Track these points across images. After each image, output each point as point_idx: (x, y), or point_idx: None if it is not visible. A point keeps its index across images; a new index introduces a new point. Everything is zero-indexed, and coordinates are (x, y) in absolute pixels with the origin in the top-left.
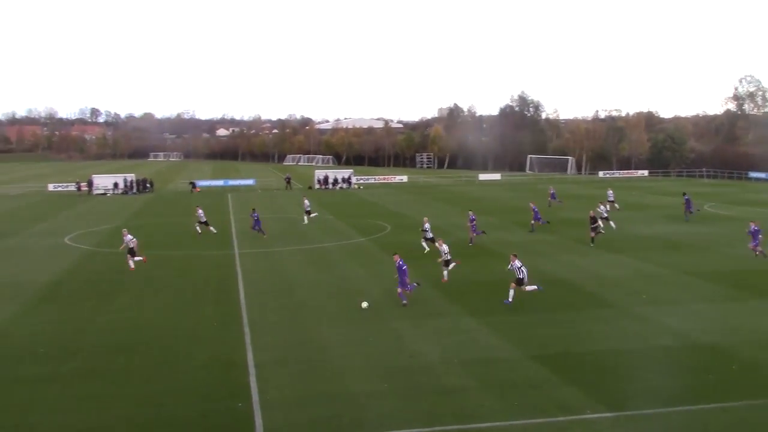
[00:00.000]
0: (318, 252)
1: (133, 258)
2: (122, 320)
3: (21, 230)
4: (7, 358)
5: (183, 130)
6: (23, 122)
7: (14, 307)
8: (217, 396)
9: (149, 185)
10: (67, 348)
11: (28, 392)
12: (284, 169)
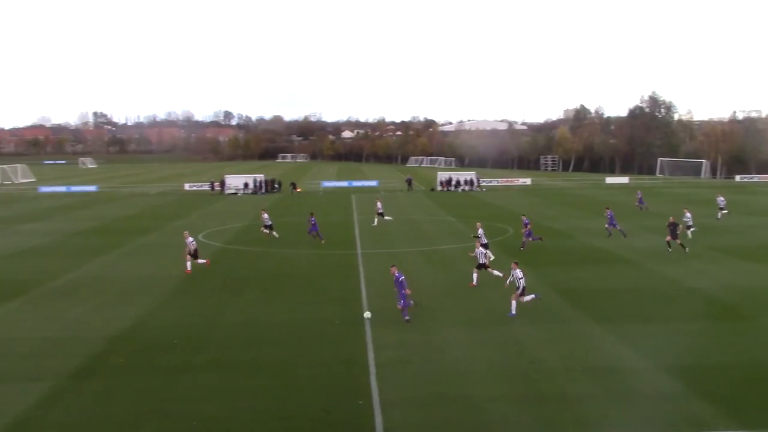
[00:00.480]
0: (439, 254)
1: (197, 260)
2: (250, 315)
3: (159, 227)
4: (146, 347)
5: (310, 132)
6: (163, 125)
7: (152, 300)
8: (338, 393)
9: (277, 185)
10: (199, 340)
11: (163, 380)
12: (407, 170)
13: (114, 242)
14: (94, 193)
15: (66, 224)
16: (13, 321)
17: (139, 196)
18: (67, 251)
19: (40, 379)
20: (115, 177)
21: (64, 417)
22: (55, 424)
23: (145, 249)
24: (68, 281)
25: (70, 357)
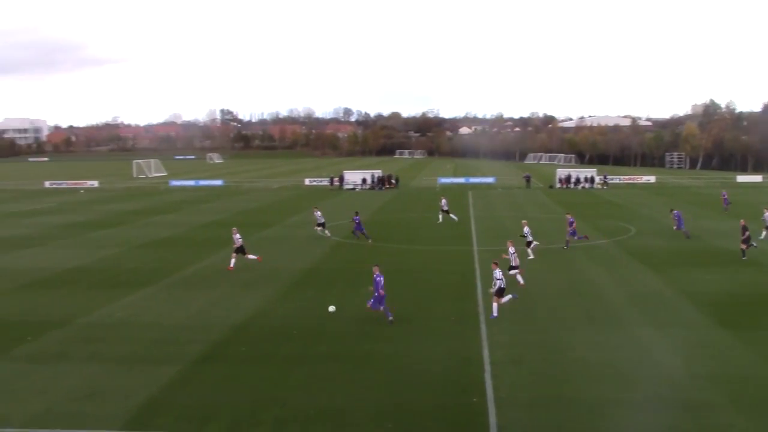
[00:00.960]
0: (556, 252)
1: (246, 256)
2: (365, 309)
3: (280, 221)
4: (266, 336)
5: (427, 128)
6: (285, 121)
7: (273, 291)
8: (452, 389)
9: (394, 181)
10: (316, 331)
11: (281, 369)
12: (525, 167)
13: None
14: (220, 187)
15: (193, 217)
16: (144, 308)
17: (261, 190)
18: (194, 243)
19: (169, 363)
20: (240, 172)
21: (189, 400)
22: (181, 405)
23: (266, 242)
24: (195, 272)
25: (195, 343)
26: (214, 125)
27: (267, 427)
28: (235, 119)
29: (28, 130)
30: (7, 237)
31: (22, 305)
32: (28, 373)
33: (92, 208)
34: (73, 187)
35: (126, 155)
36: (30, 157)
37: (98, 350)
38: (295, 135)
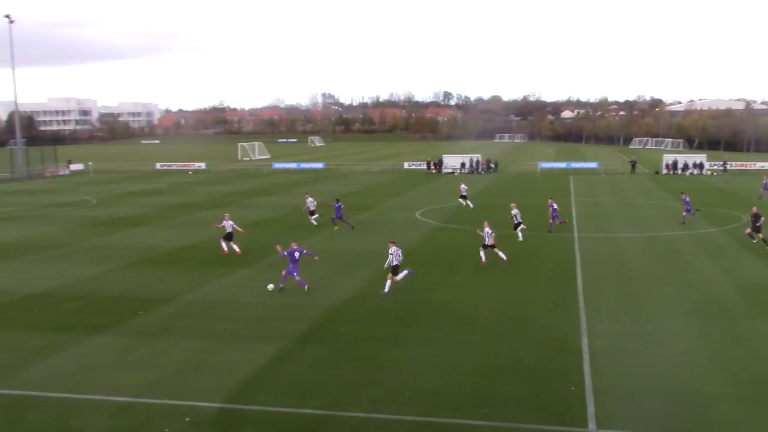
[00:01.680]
0: (662, 240)
1: (228, 242)
2: (463, 293)
3: (379, 204)
4: (363, 318)
5: (528, 112)
6: (385, 105)
7: (370, 273)
8: (548, 378)
9: (494, 165)
10: (413, 314)
11: (378, 351)
12: (629, 152)
13: None
14: (321, 170)
15: (295, 199)
16: (246, 287)
17: (361, 173)
18: (295, 224)
19: (270, 341)
20: (341, 155)
21: (289, 378)
22: (281, 383)
23: (365, 224)
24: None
25: (295, 322)
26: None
27: (363, 407)
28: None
29: (141, 114)
30: (121, 216)
31: (134, 281)
32: (139, 346)
33: (199, 189)
34: (182, 169)
35: (231, 138)
36: (142, 139)
37: (203, 326)
38: (395, 119)
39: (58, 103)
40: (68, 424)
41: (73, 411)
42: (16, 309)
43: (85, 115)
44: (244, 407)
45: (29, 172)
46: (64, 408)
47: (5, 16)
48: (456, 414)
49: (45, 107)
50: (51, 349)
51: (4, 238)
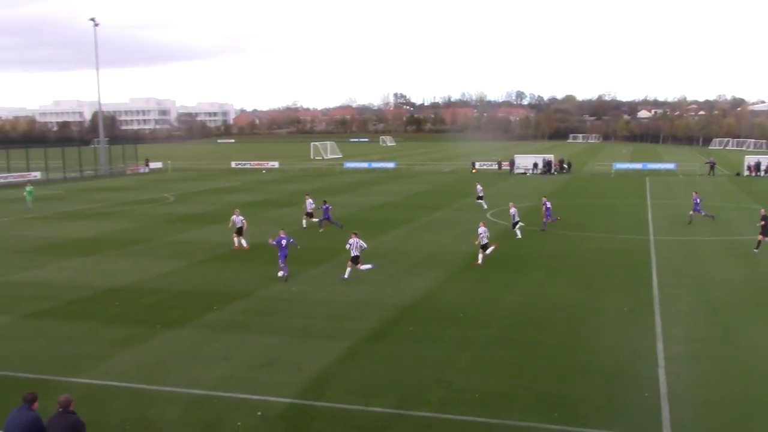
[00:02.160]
0: (744, 245)
1: (239, 237)
2: (534, 295)
3: (448, 204)
4: (433, 318)
5: (603, 111)
6: (457, 105)
7: (441, 273)
8: (622, 382)
9: (567, 166)
10: (483, 315)
11: (447, 351)
12: (709, 153)
13: (407, 217)
14: (392, 169)
15: (365, 198)
16: (318, 285)
17: (432, 173)
18: (365, 224)
19: (340, 338)
20: (412, 155)
21: (358, 375)
22: (351, 380)
23: (434, 224)
24: (365, 252)
25: (365, 321)
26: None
27: (432, 407)
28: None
29: (217, 114)
30: (197, 213)
31: (209, 277)
32: (213, 340)
33: (273, 188)
34: (256, 168)
35: (304, 137)
36: (218, 138)
37: (275, 322)
38: (467, 118)
39: (139, 103)
40: (145, 415)
41: (150, 402)
42: (98, 302)
43: (164, 114)
44: (314, 403)
45: (111, 169)
46: (142, 398)
47: (90, 19)
48: (526, 417)
49: (126, 107)
50: (130, 341)
51: (88, 233)
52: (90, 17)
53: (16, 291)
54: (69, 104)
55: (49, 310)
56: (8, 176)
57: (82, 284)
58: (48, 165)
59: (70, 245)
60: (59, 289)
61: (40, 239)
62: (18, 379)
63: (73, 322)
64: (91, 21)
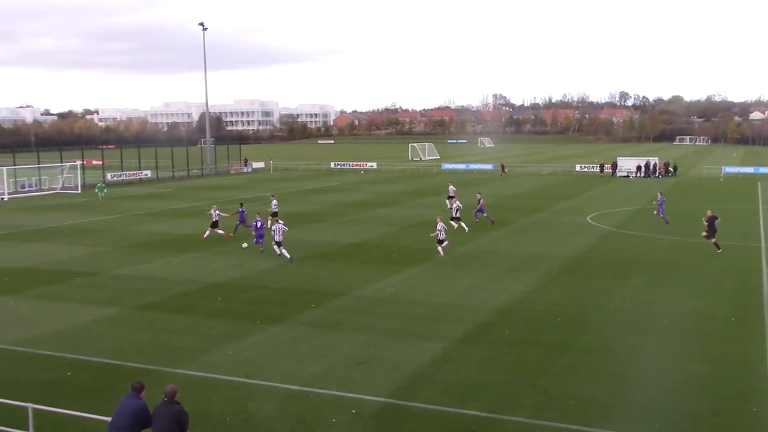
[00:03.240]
0: None
1: (214, 229)
2: (636, 302)
3: (548, 207)
4: (530, 322)
5: (712, 113)
6: (558, 106)
7: (538, 277)
8: (728, 395)
9: (672, 169)
10: (581, 321)
11: (543, 356)
12: None
13: (504, 219)
14: (490, 171)
15: (463, 199)
16: (413, 285)
17: (531, 175)
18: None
19: (434, 339)
20: (510, 156)
21: (451, 377)
22: (444, 381)
23: (533, 227)
24: (463, 252)
25: (459, 323)
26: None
27: (527, 413)
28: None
29: (317, 115)
30: (297, 212)
31: (308, 275)
32: (310, 337)
33: (370, 188)
34: (354, 168)
35: (402, 138)
36: (319, 139)
37: (370, 321)
38: (568, 120)
39: (244, 105)
40: (245, 407)
41: (249, 395)
42: (202, 296)
43: (267, 116)
44: (408, 403)
45: (216, 169)
46: (242, 391)
47: (199, 24)
48: (624, 427)
49: (231, 108)
50: (232, 335)
51: (193, 230)
52: (199, 22)
53: (125, 284)
54: (178, 106)
55: (156, 303)
56: (122, 174)
57: (187, 279)
58: (158, 164)
59: (177, 241)
60: (165, 283)
61: (149, 235)
62: (127, 368)
63: (178, 315)
64: (200, 26)
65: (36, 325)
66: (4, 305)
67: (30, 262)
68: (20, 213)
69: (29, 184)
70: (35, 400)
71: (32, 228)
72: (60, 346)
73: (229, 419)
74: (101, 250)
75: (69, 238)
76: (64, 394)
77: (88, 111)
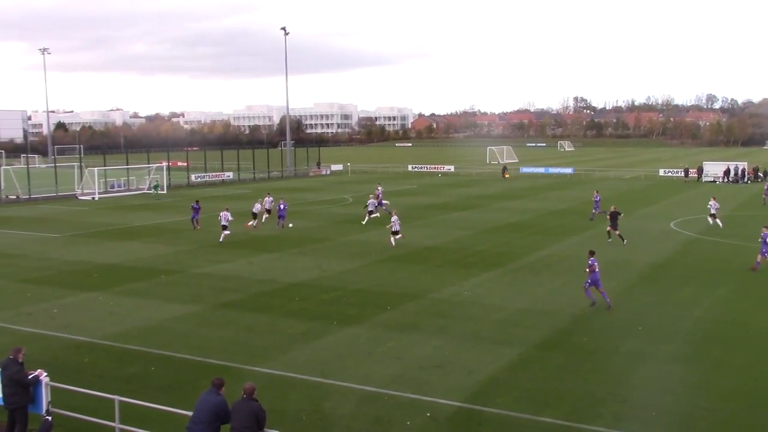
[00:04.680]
0: None
1: (224, 232)
2: (721, 311)
3: (629, 212)
4: (608, 329)
5: None
6: (641, 109)
7: (619, 283)
8: None
9: (762, 175)
10: (663, 330)
11: (622, 365)
12: None
13: (583, 224)
14: (570, 175)
15: (541, 204)
16: (490, 289)
17: (612, 180)
18: (540, 230)
19: (511, 345)
20: (591, 160)
21: (528, 383)
22: (521, 387)
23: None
24: (539, 258)
25: (536, 328)
26: (567, 113)
27: (605, 422)
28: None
29: (395, 118)
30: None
31: (385, 277)
32: (386, 339)
33: (447, 192)
34: (431, 172)
35: (481, 142)
36: (396, 142)
37: (446, 325)
38: (651, 123)
39: (323, 108)
40: (321, 407)
41: (325, 395)
42: (280, 296)
43: (345, 119)
44: (483, 408)
45: (296, 171)
46: (318, 391)
47: (281, 28)
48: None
49: (311, 111)
50: (309, 335)
51: (272, 231)
52: (281, 27)
53: (208, 282)
54: (260, 109)
55: (236, 302)
56: (205, 176)
57: (266, 278)
58: (239, 166)
59: (257, 241)
60: (246, 282)
61: (231, 235)
62: (207, 365)
63: (257, 314)
64: (281, 30)
65: (123, 321)
66: (94, 301)
67: (117, 260)
68: (109, 212)
69: (118, 184)
70: (121, 392)
71: (120, 227)
72: (145, 341)
73: (305, 418)
74: (184, 249)
75: (153, 237)
76: (148, 387)
77: (174, 114)
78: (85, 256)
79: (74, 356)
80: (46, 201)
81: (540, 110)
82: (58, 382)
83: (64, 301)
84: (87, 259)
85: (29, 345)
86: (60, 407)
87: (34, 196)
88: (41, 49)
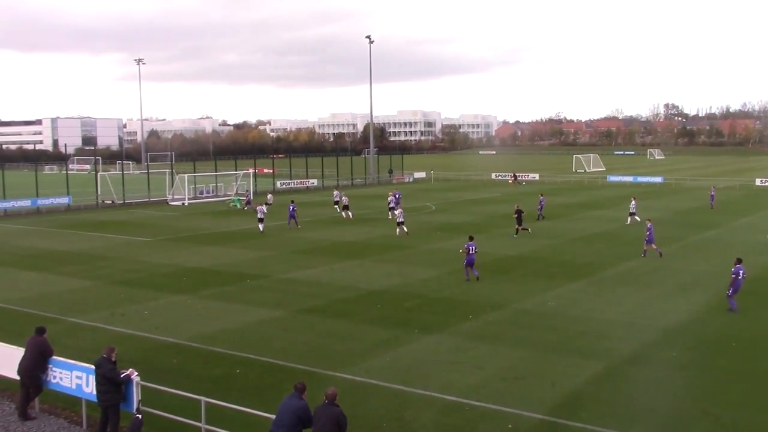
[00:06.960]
0: None
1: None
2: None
3: (723, 223)
4: (700, 344)
5: None
6: (736, 116)
7: (709, 297)
8: None
9: None
10: (760, 346)
11: (714, 382)
12: None
13: (674, 234)
14: (659, 184)
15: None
16: (575, 300)
17: (704, 189)
18: (627, 240)
19: (596, 358)
20: (682, 169)
21: (614, 397)
22: (606, 402)
23: (706, 244)
24: (628, 268)
25: (623, 341)
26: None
27: None
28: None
29: (479, 125)
30: (457, 222)
31: (466, 286)
32: (468, 349)
33: (531, 200)
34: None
35: (566, 149)
36: (480, 149)
37: (529, 336)
38: (747, 131)
39: (406, 116)
40: (401, 415)
41: (406, 403)
42: (362, 303)
43: (429, 126)
44: (566, 422)
45: (379, 178)
46: (399, 399)
47: (366, 37)
48: None
49: (394, 119)
50: (390, 342)
51: (355, 238)
52: (366, 35)
53: (291, 287)
54: (344, 116)
55: (318, 307)
56: (290, 182)
57: (348, 285)
58: (324, 173)
59: (339, 248)
60: (328, 288)
61: (313, 241)
62: (290, 369)
63: (339, 320)
64: (366, 38)
65: (209, 323)
66: (182, 303)
67: (205, 264)
68: (198, 217)
69: (207, 190)
70: (207, 393)
71: (208, 231)
72: (230, 344)
73: (386, 425)
74: (269, 254)
75: (240, 242)
76: (233, 389)
77: (260, 122)
78: (174, 259)
79: (163, 357)
80: (139, 206)
81: (628, 117)
82: (147, 381)
83: (155, 303)
84: (176, 262)
85: (121, 345)
86: (149, 406)
87: (128, 201)
88: (137, 60)
